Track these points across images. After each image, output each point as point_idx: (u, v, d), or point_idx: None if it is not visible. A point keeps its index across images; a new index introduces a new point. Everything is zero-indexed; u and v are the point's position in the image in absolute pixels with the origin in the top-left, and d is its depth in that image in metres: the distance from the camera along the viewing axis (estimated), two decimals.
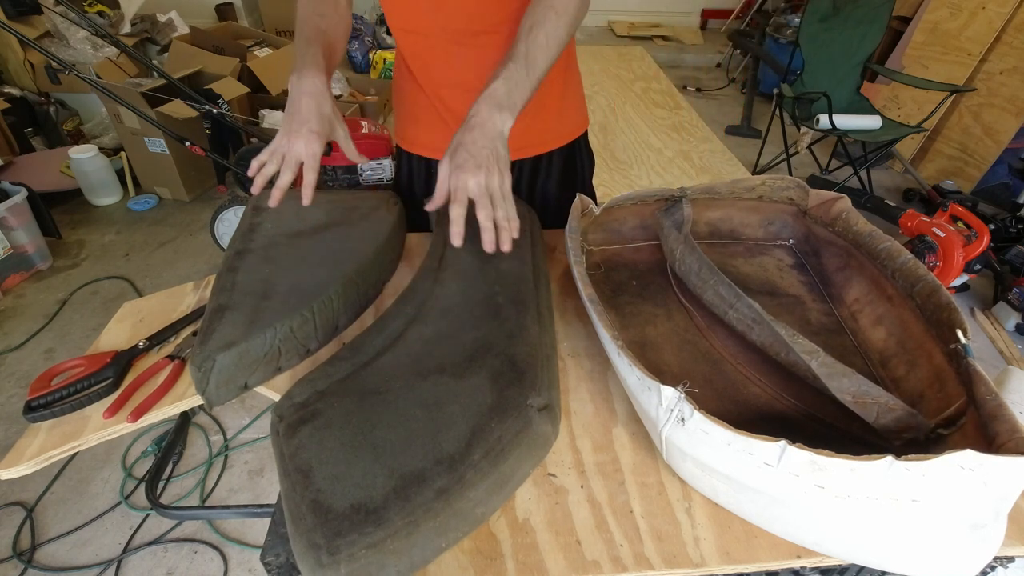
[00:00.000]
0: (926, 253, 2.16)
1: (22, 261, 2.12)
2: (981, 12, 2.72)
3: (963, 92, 2.61)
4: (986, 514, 0.43)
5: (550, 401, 0.55)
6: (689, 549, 0.48)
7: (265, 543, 0.51)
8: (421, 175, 1.02)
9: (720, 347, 0.70)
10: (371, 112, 3.22)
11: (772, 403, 0.63)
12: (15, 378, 1.74)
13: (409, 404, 0.55)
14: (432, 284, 0.71)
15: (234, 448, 1.58)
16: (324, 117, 0.71)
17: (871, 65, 2.76)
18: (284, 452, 0.51)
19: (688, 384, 0.49)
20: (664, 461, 0.55)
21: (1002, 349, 2.00)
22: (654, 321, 0.73)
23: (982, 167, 2.78)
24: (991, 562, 0.53)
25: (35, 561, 1.31)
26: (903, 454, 0.41)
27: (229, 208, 2.10)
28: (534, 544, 0.48)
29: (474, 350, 0.60)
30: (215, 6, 4.41)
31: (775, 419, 0.61)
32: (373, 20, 4.79)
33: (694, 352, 0.69)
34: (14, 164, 2.54)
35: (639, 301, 0.77)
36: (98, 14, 3.09)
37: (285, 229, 0.79)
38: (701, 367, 0.67)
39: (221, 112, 2.27)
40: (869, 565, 0.49)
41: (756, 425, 0.53)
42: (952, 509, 0.43)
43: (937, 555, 0.45)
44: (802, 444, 0.43)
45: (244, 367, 0.60)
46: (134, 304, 0.84)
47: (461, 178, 0.63)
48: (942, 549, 0.45)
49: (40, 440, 0.62)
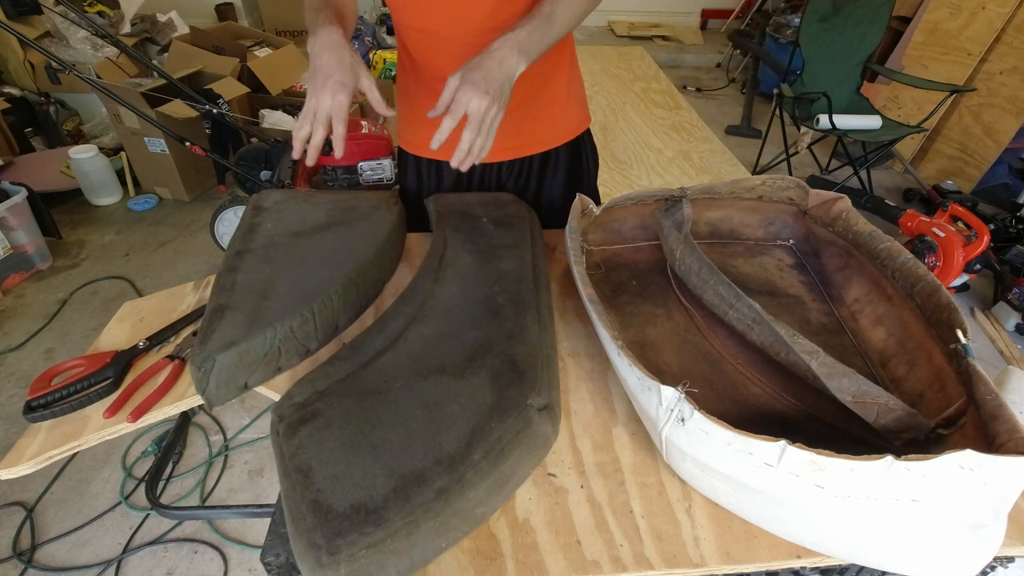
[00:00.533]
0: (926, 253, 2.16)
1: (22, 261, 2.12)
2: (981, 12, 2.72)
3: (963, 92, 2.61)
4: (986, 514, 0.43)
5: (550, 401, 0.56)
6: (689, 549, 0.48)
7: (265, 543, 0.51)
8: (426, 177, 1.02)
9: (720, 347, 0.70)
10: (371, 112, 3.22)
11: (772, 403, 0.63)
12: (15, 378, 1.74)
13: (409, 404, 0.55)
14: (432, 284, 0.71)
15: (234, 448, 1.58)
16: (346, 65, 0.71)
17: (871, 65, 2.76)
18: (284, 452, 0.51)
19: (688, 384, 0.49)
20: (664, 461, 0.55)
21: (1002, 349, 2.00)
22: (654, 321, 0.73)
23: (982, 167, 2.78)
24: (991, 562, 0.53)
25: (35, 561, 1.31)
26: (903, 454, 0.41)
27: (229, 208, 2.10)
28: (534, 544, 0.48)
29: (474, 350, 0.61)
30: (215, 6, 4.41)
31: (775, 419, 0.61)
32: (373, 20, 4.79)
33: (694, 352, 0.69)
34: (14, 164, 2.54)
35: (639, 301, 0.77)
36: (98, 14, 3.09)
37: (285, 229, 0.79)
38: (701, 367, 0.67)
39: (221, 112, 2.27)
40: (869, 565, 0.49)
41: (756, 425, 0.53)
42: (952, 509, 0.43)
43: (937, 555, 0.45)
44: (802, 444, 0.43)
45: (244, 367, 0.60)
46: (134, 304, 0.84)
47: (468, 94, 0.66)
48: (942, 549, 0.45)
49: (40, 440, 0.62)
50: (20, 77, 2.79)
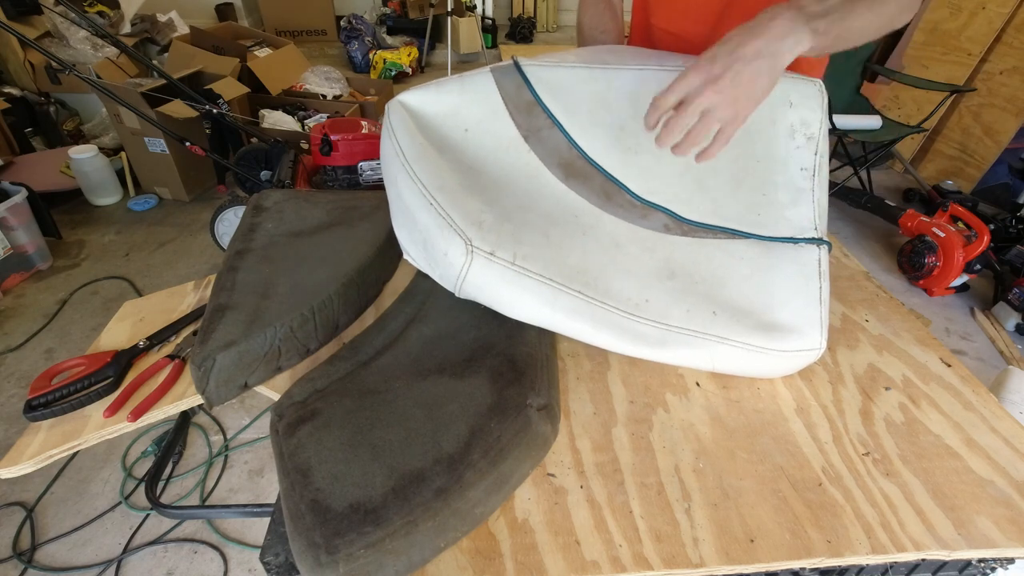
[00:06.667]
0: (926, 253, 2.16)
1: (22, 261, 2.12)
2: (981, 12, 2.72)
3: (963, 92, 2.61)
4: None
5: (549, 401, 0.56)
6: (688, 550, 0.48)
7: (264, 542, 0.51)
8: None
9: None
10: (371, 112, 3.22)
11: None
12: (15, 378, 1.74)
13: (408, 404, 0.55)
14: (432, 284, 0.71)
15: (234, 448, 1.58)
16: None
17: (871, 65, 2.75)
18: (283, 451, 0.51)
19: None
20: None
21: (1002, 349, 2.00)
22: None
23: (982, 167, 2.78)
24: (991, 562, 0.53)
25: (35, 561, 1.31)
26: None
27: (229, 208, 2.10)
28: (533, 544, 0.48)
29: (473, 350, 0.61)
30: (215, 6, 4.42)
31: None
32: (373, 20, 4.79)
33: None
34: (14, 164, 2.55)
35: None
36: (98, 14, 3.10)
37: (285, 229, 0.79)
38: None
39: (221, 112, 2.27)
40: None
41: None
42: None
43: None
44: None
45: (244, 366, 0.60)
46: (134, 304, 0.84)
47: (704, 99, 0.53)
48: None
49: (40, 439, 0.62)
50: (20, 77, 2.79)
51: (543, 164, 0.68)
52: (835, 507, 0.52)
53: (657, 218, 0.68)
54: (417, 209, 0.58)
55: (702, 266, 0.66)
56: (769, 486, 0.53)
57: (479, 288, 0.56)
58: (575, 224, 0.65)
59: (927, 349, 0.71)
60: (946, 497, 0.53)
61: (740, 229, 0.68)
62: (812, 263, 0.65)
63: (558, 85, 0.69)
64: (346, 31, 4.42)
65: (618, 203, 0.68)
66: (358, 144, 2.10)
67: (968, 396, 0.64)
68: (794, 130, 0.69)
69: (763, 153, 0.70)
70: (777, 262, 0.66)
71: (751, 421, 0.60)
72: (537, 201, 0.65)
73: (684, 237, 0.68)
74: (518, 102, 0.68)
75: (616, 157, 0.69)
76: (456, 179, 0.61)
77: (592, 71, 0.69)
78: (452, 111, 0.67)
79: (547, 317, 0.57)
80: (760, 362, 0.61)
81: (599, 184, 0.69)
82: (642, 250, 0.66)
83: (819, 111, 0.69)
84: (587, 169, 0.69)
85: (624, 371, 0.65)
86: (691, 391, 0.63)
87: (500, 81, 0.68)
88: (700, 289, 0.64)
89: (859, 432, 0.59)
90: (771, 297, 0.63)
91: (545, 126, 0.69)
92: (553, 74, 0.69)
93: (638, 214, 0.68)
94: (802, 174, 0.69)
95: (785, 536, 0.49)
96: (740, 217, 0.68)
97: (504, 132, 0.68)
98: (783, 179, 0.69)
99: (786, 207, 0.68)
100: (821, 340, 0.61)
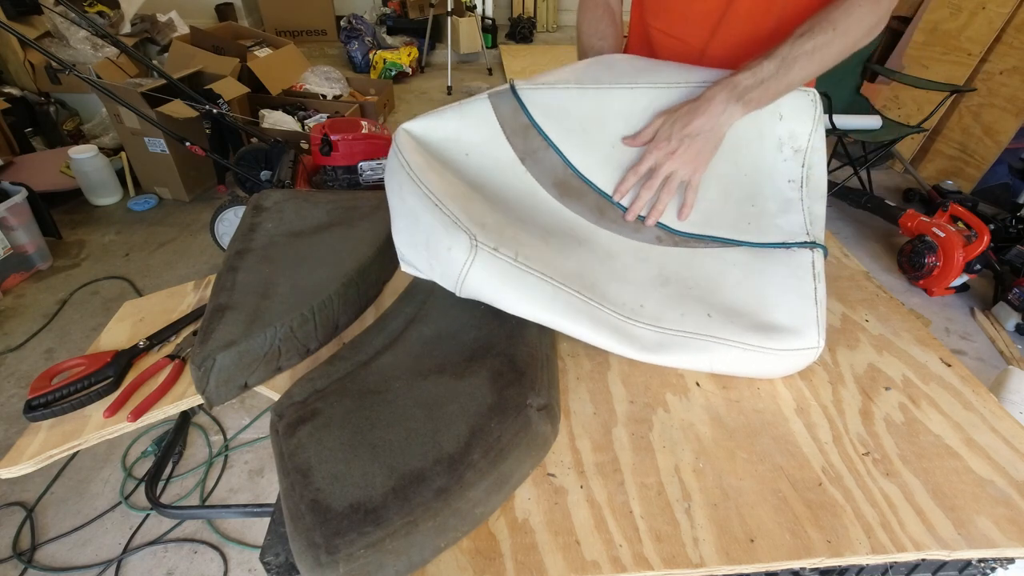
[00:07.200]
0: (926, 253, 2.16)
1: (22, 261, 2.12)
2: (981, 12, 2.72)
3: (963, 92, 2.61)
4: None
5: (549, 401, 0.56)
6: (688, 550, 0.48)
7: (264, 542, 0.51)
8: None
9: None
10: (371, 112, 3.23)
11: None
12: (15, 378, 1.74)
13: (409, 404, 0.55)
14: (432, 284, 0.71)
15: (234, 448, 1.58)
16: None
17: (871, 65, 2.75)
18: (283, 451, 0.51)
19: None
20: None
21: (1002, 349, 2.00)
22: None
23: (982, 167, 2.78)
24: (991, 562, 0.53)
25: (35, 561, 1.31)
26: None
27: (229, 208, 2.10)
28: (533, 544, 0.48)
29: (474, 350, 0.61)
30: (215, 6, 4.42)
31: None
32: (373, 20, 4.79)
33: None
34: (14, 164, 2.54)
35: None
36: (98, 14, 3.09)
37: (285, 229, 0.79)
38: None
39: (221, 112, 2.27)
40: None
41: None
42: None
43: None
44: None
45: (244, 366, 0.60)
46: (134, 304, 0.84)
47: (667, 167, 0.67)
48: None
49: (40, 439, 0.62)
50: (20, 77, 2.79)
51: (539, 184, 0.71)
52: (835, 507, 0.52)
53: (649, 231, 0.71)
54: (422, 211, 0.59)
55: (695, 273, 0.67)
56: (769, 486, 0.53)
57: (481, 284, 0.57)
58: (571, 236, 0.67)
59: (927, 349, 0.71)
60: (946, 497, 0.53)
61: (731, 237, 0.69)
62: (806, 265, 0.65)
63: (553, 107, 0.72)
64: (346, 31, 4.42)
65: (611, 218, 0.71)
66: (358, 144, 2.10)
67: (968, 396, 0.64)
68: (782, 143, 0.71)
69: (750, 167, 0.72)
70: (769, 265, 0.66)
71: (751, 421, 0.60)
72: (535, 217, 0.68)
73: (676, 247, 0.69)
74: (514, 126, 0.71)
75: (609, 174, 0.72)
76: (460, 190, 0.63)
77: (585, 92, 0.72)
78: (454, 137, 0.70)
79: (547, 314, 0.58)
80: (758, 362, 0.61)
81: (593, 201, 0.71)
82: (636, 260, 0.68)
83: (810, 122, 0.71)
84: (581, 187, 0.71)
85: (624, 371, 0.66)
86: (691, 391, 0.63)
87: (497, 106, 0.71)
88: (694, 294, 0.65)
89: (859, 432, 0.59)
90: (765, 298, 0.64)
91: (540, 147, 0.71)
92: (548, 96, 0.72)
93: (631, 228, 0.71)
94: (790, 185, 0.71)
95: (785, 536, 0.49)
96: (731, 227, 0.70)
97: (502, 155, 0.71)
98: (771, 190, 0.71)
99: (776, 216, 0.70)
100: (819, 339, 0.61)
